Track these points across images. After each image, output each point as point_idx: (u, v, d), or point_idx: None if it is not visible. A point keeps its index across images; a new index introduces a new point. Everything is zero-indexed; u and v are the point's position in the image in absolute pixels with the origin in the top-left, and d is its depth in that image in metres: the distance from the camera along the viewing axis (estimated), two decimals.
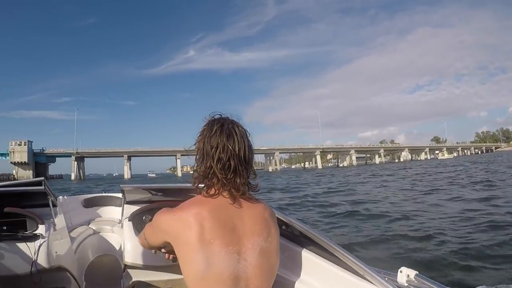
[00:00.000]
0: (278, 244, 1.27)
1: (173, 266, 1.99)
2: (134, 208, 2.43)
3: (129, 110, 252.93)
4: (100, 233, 3.34)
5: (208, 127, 1.22)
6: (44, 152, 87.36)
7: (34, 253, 2.10)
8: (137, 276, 2.32)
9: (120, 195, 3.10)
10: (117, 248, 3.14)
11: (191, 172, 1.33)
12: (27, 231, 2.22)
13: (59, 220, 2.49)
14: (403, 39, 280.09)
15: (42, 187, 2.27)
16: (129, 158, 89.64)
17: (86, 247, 3.17)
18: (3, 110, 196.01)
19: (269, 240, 1.21)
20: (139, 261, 2.18)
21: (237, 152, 1.17)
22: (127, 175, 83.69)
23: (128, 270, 2.35)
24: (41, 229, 2.23)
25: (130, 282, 2.40)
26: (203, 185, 1.22)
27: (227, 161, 1.17)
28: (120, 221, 3.04)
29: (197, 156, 1.24)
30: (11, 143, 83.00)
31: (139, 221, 2.34)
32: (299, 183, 24.76)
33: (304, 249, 1.56)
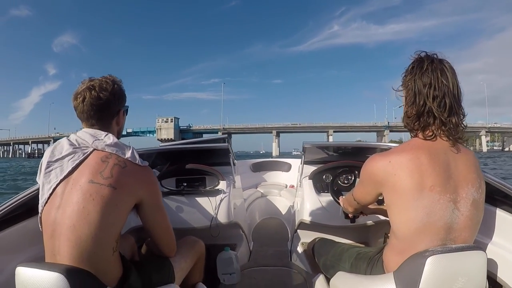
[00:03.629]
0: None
1: (347, 228, 2.14)
2: (311, 168, 2.48)
3: (276, 88, 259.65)
4: (267, 197, 3.73)
5: (417, 65, 1.15)
6: (191, 128, 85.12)
7: (215, 208, 2.15)
8: (306, 237, 2.37)
9: (287, 160, 4.09)
10: (283, 212, 3.55)
11: None
12: (206, 187, 2.30)
13: (237, 179, 2.55)
14: None
15: (226, 144, 2.35)
16: (277, 134, 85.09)
17: (254, 209, 3.49)
18: (157, 94, 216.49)
19: (480, 191, 1.12)
20: (316, 219, 2.21)
21: (451, 89, 1.11)
22: (275, 152, 76.91)
23: (299, 231, 2.49)
24: (222, 185, 2.29)
25: (299, 243, 2.49)
26: (416, 128, 1.17)
27: (442, 98, 1.10)
28: (294, 185, 3.54)
29: (407, 96, 1.18)
30: (158, 120, 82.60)
31: (319, 180, 2.40)
32: None
33: (499, 208, 1.39)
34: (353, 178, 2.35)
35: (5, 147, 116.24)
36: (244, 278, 2.32)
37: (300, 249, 2.47)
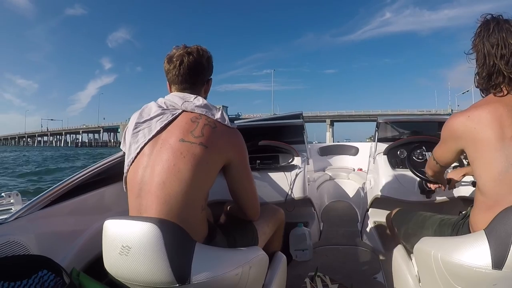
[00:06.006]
0: None
1: (421, 204, 2.11)
2: (383, 146, 2.50)
3: (328, 78, 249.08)
4: (335, 180, 3.73)
5: (484, 28, 1.20)
6: (240, 117, 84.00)
7: (290, 183, 2.17)
8: (378, 216, 2.42)
9: (354, 144, 4.13)
10: (352, 195, 3.56)
11: None
12: (279, 164, 2.37)
13: (310, 157, 2.58)
14: None
15: (301, 121, 2.37)
16: (332, 123, 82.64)
17: (323, 191, 3.52)
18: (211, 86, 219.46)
19: None
20: (391, 194, 2.21)
21: None
22: (329, 141, 62.98)
23: (371, 209, 2.50)
24: (296, 161, 2.32)
25: (371, 221, 2.51)
26: (488, 87, 1.20)
27: (510, 56, 1.13)
28: (362, 168, 3.60)
29: (478, 58, 1.22)
30: None
31: (393, 156, 2.40)
32: None
33: None
34: (429, 154, 2.28)
35: (58, 136, 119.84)
36: (316, 256, 2.34)
37: (372, 228, 2.49)
